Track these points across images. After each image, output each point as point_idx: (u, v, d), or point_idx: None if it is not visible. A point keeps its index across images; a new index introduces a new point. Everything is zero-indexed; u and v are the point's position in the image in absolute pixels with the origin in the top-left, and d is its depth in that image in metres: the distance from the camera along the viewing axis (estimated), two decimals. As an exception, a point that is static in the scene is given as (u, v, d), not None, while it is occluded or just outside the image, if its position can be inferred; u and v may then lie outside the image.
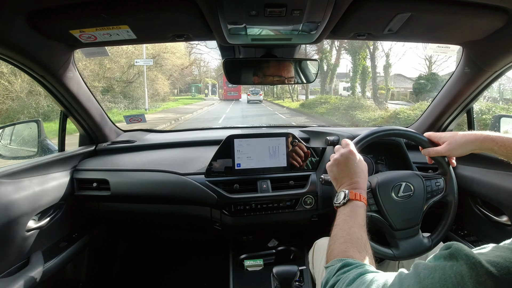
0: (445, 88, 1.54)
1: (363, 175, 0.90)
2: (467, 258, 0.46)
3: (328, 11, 0.94)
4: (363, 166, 0.92)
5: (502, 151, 0.87)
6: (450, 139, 0.97)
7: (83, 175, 1.55)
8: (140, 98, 16.82)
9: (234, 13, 0.96)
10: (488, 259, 0.44)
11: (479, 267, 0.44)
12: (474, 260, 0.45)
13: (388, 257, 1.04)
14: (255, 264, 1.60)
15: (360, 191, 0.85)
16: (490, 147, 0.89)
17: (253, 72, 1.39)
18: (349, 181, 0.88)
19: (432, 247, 1.06)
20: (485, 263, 0.44)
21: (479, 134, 0.91)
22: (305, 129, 1.94)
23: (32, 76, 1.31)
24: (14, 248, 1.19)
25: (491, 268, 0.43)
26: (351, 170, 0.90)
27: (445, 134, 1.01)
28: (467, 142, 0.94)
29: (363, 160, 0.93)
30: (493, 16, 1.02)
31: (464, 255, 0.46)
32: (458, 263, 0.46)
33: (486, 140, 0.89)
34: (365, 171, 0.92)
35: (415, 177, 1.09)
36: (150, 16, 1.05)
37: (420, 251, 1.06)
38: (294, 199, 1.50)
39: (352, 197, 0.82)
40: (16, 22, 0.99)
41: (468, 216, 1.41)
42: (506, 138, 0.86)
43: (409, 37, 1.28)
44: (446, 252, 0.49)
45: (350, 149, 0.93)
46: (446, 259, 0.49)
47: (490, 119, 1.61)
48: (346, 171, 0.90)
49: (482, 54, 1.27)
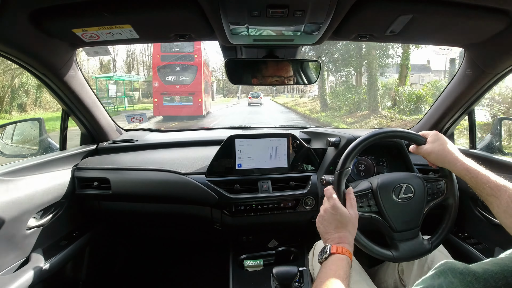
0: (447, 90, 1.54)
1: (350, 227, 0.90)
2: (453, 270, 0.47)
3: (330, 12, 0.94)
4: (348, 218, 0.91)
5: (472, 183, 0.91)
6: (435, 147, 1.00)
7: (84, 174, 1.55)
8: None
9: (236, 14, 0.96)
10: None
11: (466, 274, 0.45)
12: (461, 270, 0.46)
13: (387, 259, 1.04)
14: (255, 264, 1.59)
15: (344, 244, 0.86)
16: (463, 175, 0.93)
17: (255, 72, 1.39)
18: (333, 236, 0.89)
19: (432, 250, 1.06)
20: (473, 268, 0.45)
21: (458, 160, 0.95)
22: (306, 130, 1.94)
23: (34, 74, 1.31)
24: (15, 246, 1.20)
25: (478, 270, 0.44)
26: (335, 224, 0.90)
27: (434, 138, 1.02)
28: (445, 159, 0.98)
29: (347, 211, 0.92)
30: (495, 18, 1.02)
31: (448, 269, 0.48)
32: (447, 277, 0.47)
33: (461, 167, 0.94)
34: (352, 221, 0.91)
35: (416, 179, 1.09)
36: (152, 15, 1.05)
37: (419, 253, 1.05)
38: (295, 200, 1.50)
39: (334, 251, 0.83)
40: (19, 20, 0.99)
41: (469, 219, 1.41)
42: (481, 174, 0.90)
43: (411, 38, 1.28)
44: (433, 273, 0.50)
45: (334, 204, 0.92)
46: (434, 279, 0.49)
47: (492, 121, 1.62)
48: (331, 226, 0.91)
49: (484, 57, 1.27)
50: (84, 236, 1.56)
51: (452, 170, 0.99)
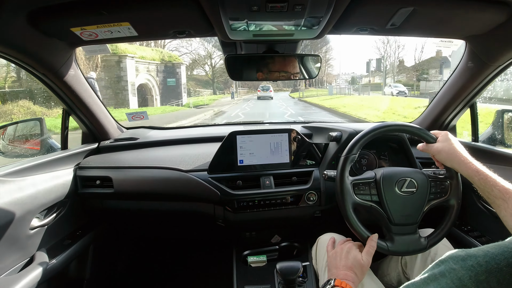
0: (448, 83, 1.53)
1: (358, 271, 0.95)
2: (454, 258, 0.48)
3: (330, 6, 0.94)
4: (360, 264, 0.96)
5: (481, 184, 0.90)
6: (445, 146, 1.01)
7: (86, 173, 1.55)
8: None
9: (236, 9, 0.96)
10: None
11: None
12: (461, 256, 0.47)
13: (381, 249, 1.03)
14: (258, 260, 1.60)
15: (348, 282, 0.90)
16: (472, 176, 0.92)
17: (256, 68, 1.38)
18: (340, 272, 0.94)
19: (427, 248, 1.05)
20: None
21: (468, 161, 0.95)
22: (308, 124, 1.94)
23: (34, 74, 1.31)
24: (19, 246, 1.20)
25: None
26: (345, 263, 0.96)
27: (444, 138, 1.03)
28: (454, 160, 0.98)
29: (361, 257, 0.97)
30: (495, 10, 1.01)
31: (449, 257, 0.49)
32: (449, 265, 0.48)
33: (471, 168, 0.93)
34: (362, 268, 0.96)
35: (422, 175, 1.08)
36: (151, 12, 1.04)
37: (414, 249, 1.05)
38: (297, 195, 1.50)
39: (338, 284, 0.89)
40: (17, 21, 0.99)
41: (472, 212, 1.41)
42: (490, 176, 0.89)
43: (412, 31, 1.27)
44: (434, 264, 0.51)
45: (351, 247, 1.01)
46: (435, 268, 0.50)
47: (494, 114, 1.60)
48: (341, 263, 0.97)
49: (485, 49, 1.26)
50: (88, 235, 1.56)
51: (460, 171, 0.98)
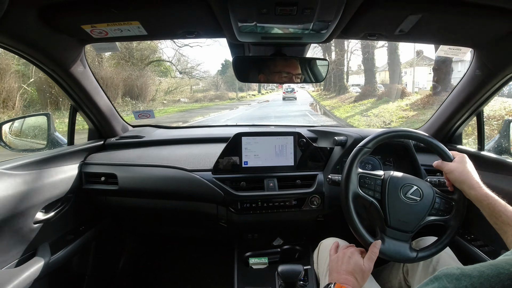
0: (455, 91, 1.52)
1: (359, 277, 0.94)
2: (448, 276, 0.47)
3: (339, 11, 0.94)
4: (361, 269, 0.95)
5: (489, 209, 0.90)
6: (459, 167, 1.01)
7: (91, 169, 1.56)
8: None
9: (245, 11, 0.96)
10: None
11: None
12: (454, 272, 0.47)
13: (368, 245, 1.02)
14: (260, 262, 1.60)
15: (349, 287, 0.89)
16: (480, 200, 0.92)
17: (263, 70, 1.38)
18: (341, 276, 0.94)
19: (416, 261, 1.03)
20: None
21: (478, 184, 0.95)
22: (313, 128, 1.93)
23: (43, 69, 1.32)
24: (22, 240, 1.21)
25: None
26: (346, 267, 0.96)
27: (460, 159, 1.03)
28: (465, 181, 0.98)
29: (362, 262, 0.96)
30: (504, 18, 1.01)
31: (444, 274, 0.48)
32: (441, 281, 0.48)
33: (480, 192, 0.93)
34: (363, 273, 0.95)
35: (429, 189, 1.06)
36: (161, 12, 1.05)
37: (401, 257, 1.02)
38: (301, 199, 1.50)
39: None
40: (28, 17, 1.00)
41: (475, 221, 1.39)
42: (499, 201, 0.89)
43: (420, 38, 1.27)
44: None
45: (353, 252, 1.00)
46: (429, 284, 0.50)
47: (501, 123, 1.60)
48: (342, 267, 0.96)
49: (493, 57, 1.25)
50: (91, 230, 1.57)
51: (468, 193, 0.96)
